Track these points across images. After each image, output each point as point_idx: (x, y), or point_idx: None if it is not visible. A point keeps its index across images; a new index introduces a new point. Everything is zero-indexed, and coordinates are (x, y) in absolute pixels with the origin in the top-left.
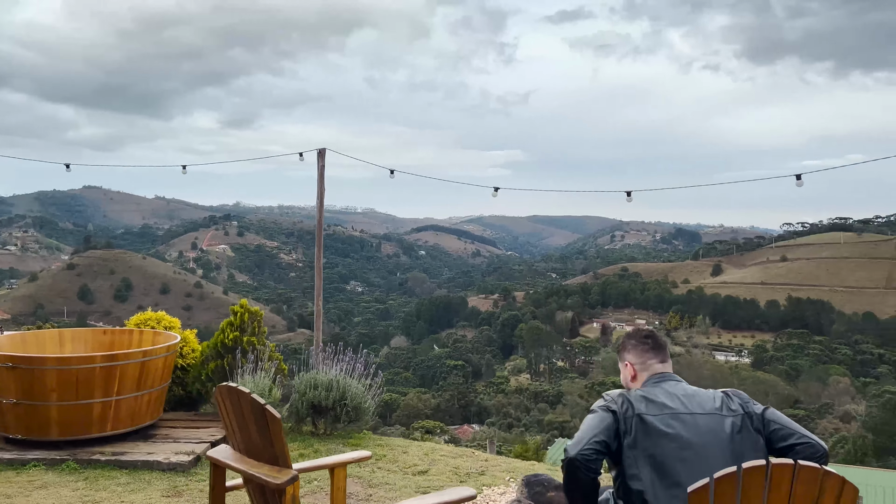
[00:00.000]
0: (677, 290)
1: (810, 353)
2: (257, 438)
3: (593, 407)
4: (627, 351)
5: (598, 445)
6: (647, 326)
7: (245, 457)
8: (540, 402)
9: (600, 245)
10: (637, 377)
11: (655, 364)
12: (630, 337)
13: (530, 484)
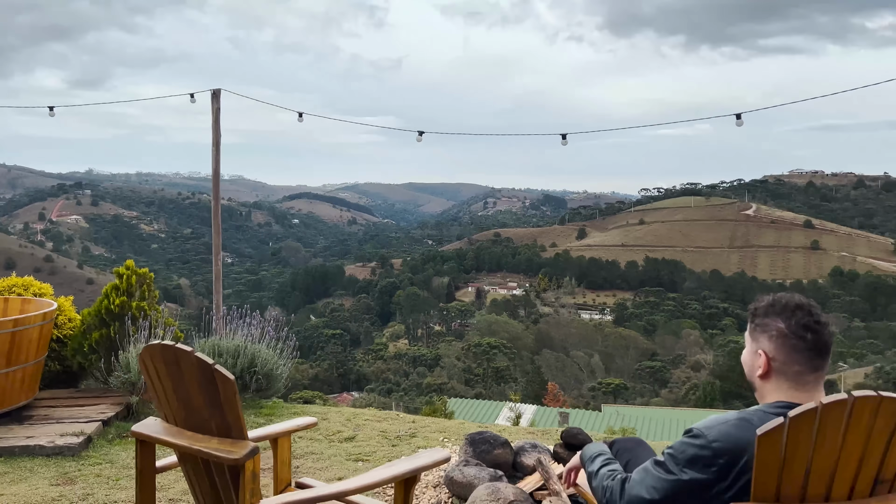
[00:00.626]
0: (546, 253)
1: (665, 309)
2: (202, 406)
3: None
4: (769, 338)
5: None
6: (763, 300)
7: (184, 430)
8: (419, 366)
9: (474, 212)
10: (771, 378)
11: (807, 375)
12: (779, 315)
13: (475, 442)
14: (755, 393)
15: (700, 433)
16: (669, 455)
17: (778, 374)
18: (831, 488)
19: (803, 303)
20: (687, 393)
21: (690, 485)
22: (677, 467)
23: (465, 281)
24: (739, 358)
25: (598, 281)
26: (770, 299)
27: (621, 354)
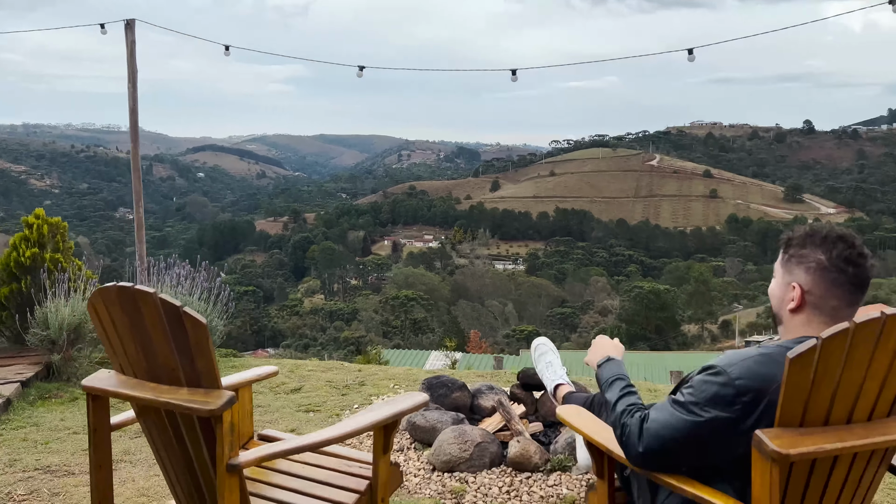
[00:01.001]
0: (461, 205)
1: (574, 257)
2: (168, 354)
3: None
4: (806, 270)
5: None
6: (800, 230)
7: (145, 381)
8: (336, 320)
9: (388, 164)
10: (803, 312)
11: (843, 310)
12: (819, 245)
13: (433, 386)
14: (780, 327)
15: (722, 370)
16: (689, 394)
17: (812, 309)
18: (853, 411)
19: (845, 234)
20: (595, 336)
21: (713, 424)
22: (698, 406)
23: (381, 234)
24: (643, 303)
25: (512, 232)
26: (808, 229)
27: (534, 302)
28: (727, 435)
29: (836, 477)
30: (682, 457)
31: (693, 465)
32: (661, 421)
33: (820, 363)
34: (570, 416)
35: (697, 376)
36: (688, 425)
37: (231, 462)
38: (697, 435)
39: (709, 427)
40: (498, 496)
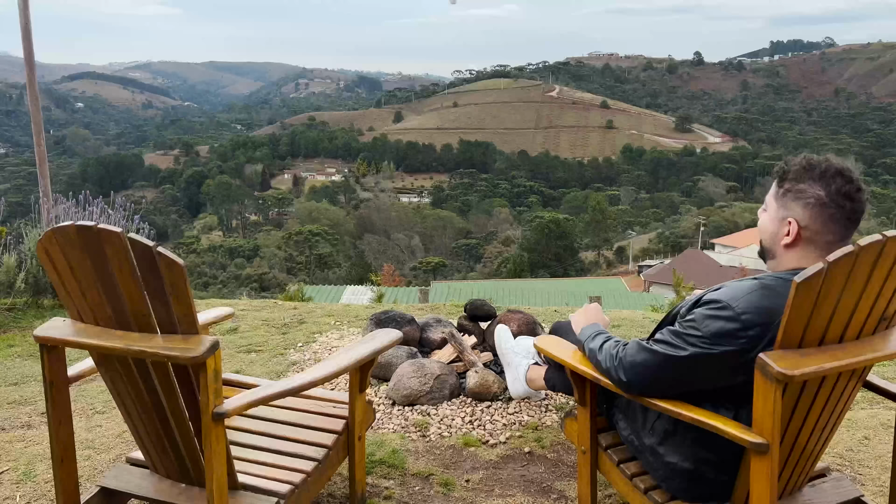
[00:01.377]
0: (363, 137)
1: (478, 189)
2: (138, 299)
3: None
4: (803, 205)
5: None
6: (795, 162)
7: (111, 329)
8: (236, 257)
9: (285, 94)
10: (798, 247)
11: (836, 245)
12: (818, 180)
13: (382, 322)
14: (770, 260)
15: (727, 304)
16: (691, 327)
17: (807, 244)
18: (846, 331)
19: (842, 167)
20: (499, 266)
21: (719, 358)
22: (702, 340)
23: (281, 168)
24: (544, 232)
25: (416, 164)
26: (804, 162)
27: (439, 234)
28: (730, 366)
29: (822, 394)
30: (680, 385)
31: (687, 392)
32: (660, 352)
33: (823, 286)
34: (551, 346)
35: (699, 310)
36: (691, 358)
37: (217, 410)
38: (701, 367)
39: (715, 360)
40: (461, 426)
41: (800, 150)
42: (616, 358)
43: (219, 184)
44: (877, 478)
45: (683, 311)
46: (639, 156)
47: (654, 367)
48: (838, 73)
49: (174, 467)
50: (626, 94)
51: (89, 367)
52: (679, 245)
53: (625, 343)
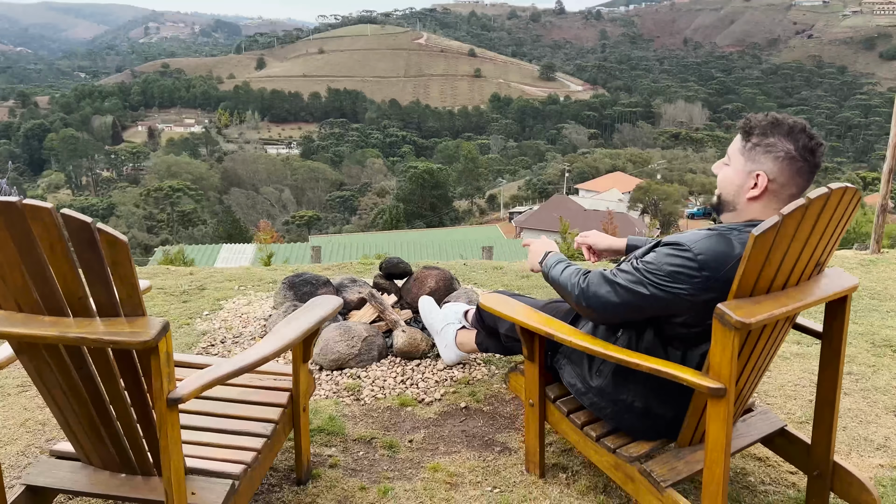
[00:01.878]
0: (224, 85)
1: (350, 139)
2: (71, 280)
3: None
4: (773, 159)
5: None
6: (760, 118)
7: (39, 315)
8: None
9: (134, 39)
10: (763, 199)
11: (796, 197)
12: (786, 136)
13: (296, 285)
14: (727, 212)
15: (686, 247)
16: (650, 264)
17: (771, 196)
18: (790, 277)
19: (804, 124)
20: (375, 218)
21: (675, 296)
22: (659, 278)
23: (134, 119)
24: (419, 182)
25: (283, 114)
26: (771, 118)
27: (311, 187)
28: (681, 304)
29: (763, 338)
30: (635, 315)
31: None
32: (620, 286)
33: (777, 238)
34: (496, 304)
35: (660, 249)
36: (649, 296)
37: (172, 396)
38: (657, 303)
39: (671, 298)
40: (395, 387)
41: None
42: (577, 287)
43: (64, 138)
44: (783, 405)
45: (639, 254)
46: (506, 105)
47: (613, 299)
48: (687, 23)
49: (112, 458)
50: (492, 42)
51: (5, 357)
52: (546, 191)
53: (586, 272)
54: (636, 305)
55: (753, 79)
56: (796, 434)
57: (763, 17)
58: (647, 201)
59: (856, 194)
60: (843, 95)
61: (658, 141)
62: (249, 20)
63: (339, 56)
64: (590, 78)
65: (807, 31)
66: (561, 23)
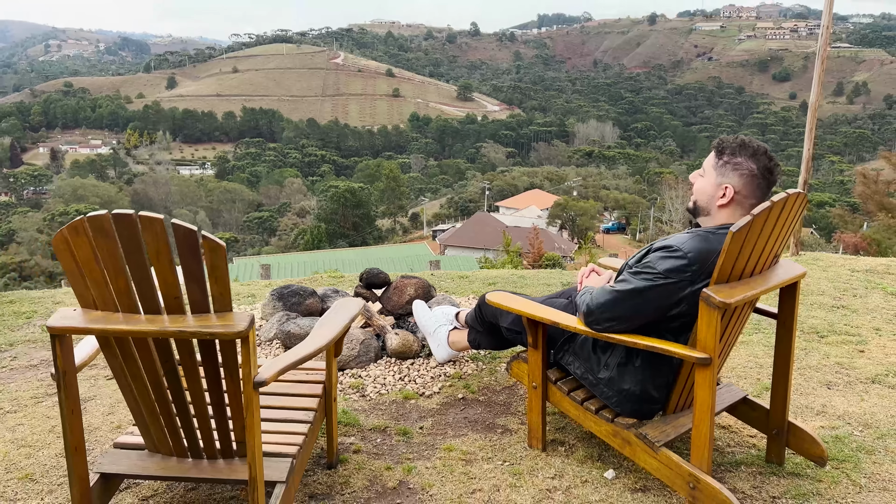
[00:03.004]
0: (132, 105)
1: (267, 159)
2: (171, 282)
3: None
4: (739, 175)
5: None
6: (731, 140)
7: (135, 315)
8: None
9: (33, 56)
10: (729, 207)
11: (755, 206)
12: (751, 157)
13: (284, 296)
14: (702, 216)
15: (678, 248)
16: (647, 266)
17: (736, 205)
18: (756, 267)
19: (766, 147)
20: (296, 238)
21: (671, 287)
22: (656, 275)
23: (35, 141)
24: (340, 201)
25: (196, 134)
26: (739, 140)
27: (228, 208)
28: (677, 296)
29: (734, 318)
30: (636, 316)
31: (644, 321)
32: (622, 289)
33: (749, 234)
34: (503, 299)
35: (654, 254)
36: (647, 289)
37: (256, 379)
38: (655, 296)
39: (667, 289)
40: (394, 383)
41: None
42: (584, 304)
43: None
44: (736, 383)
45: (633, 262)
46: (426, 124)
47: (616, 300)
48: (596, 45)
49: (181, 445)
50: (409, 62)
51: (90, 353)
52: (468, 209)
53: (592, 290)
54: (638, 301)
55: (660, 98)
56: (756, 401)
57: (666, 40)
58: (564, 217)
59: (804, 199)
60: (742, 114)
61: (573, 159)
62: (159, 38)
63: (255, 75)
64: (506, 98)
65: (707, 54)
66: (476, 44)
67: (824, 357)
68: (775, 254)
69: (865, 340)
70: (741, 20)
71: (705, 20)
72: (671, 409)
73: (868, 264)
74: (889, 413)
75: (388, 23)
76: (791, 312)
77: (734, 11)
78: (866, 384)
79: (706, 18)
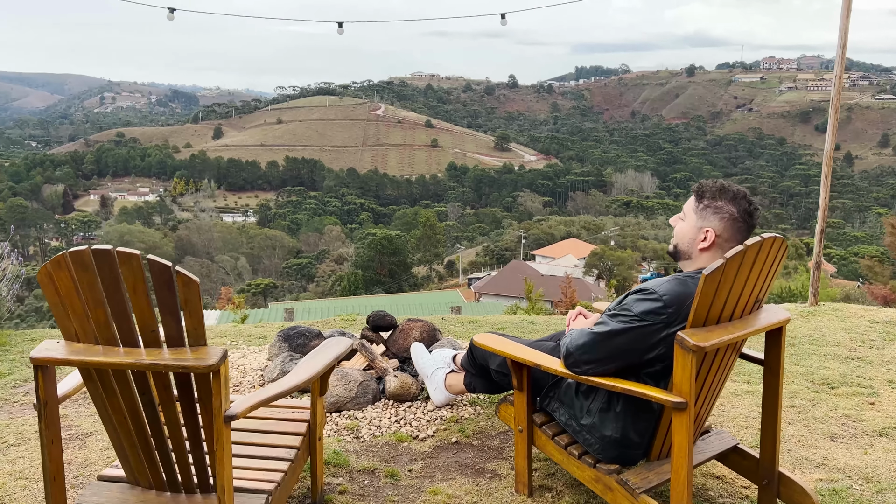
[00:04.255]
0: (180, 154)
1: (307, 207)
2: (148, 316)
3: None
4: (720, 219)
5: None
6: (710, 184)
7: (114, 347)
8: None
9: (89, 108)
10: (710, 251)
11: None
12: (731, 201)
13: (290, 337)
14: (684, 260)
15: (653, 290)
16: (625, 309)
17: (717, 248)
18: (733, 312)
19: (745, 192)
20: (333, 285)
21: (647, 330)
22: (632, 318)
23: (86, 188)
24: (377, 249)
25: (239, 182)
26: (719, 185)
27: (268, 255)
28: (653, 339)
29: (715, 363)
30: (613, 358)
31: (622, 364)
32: (598, 331)
33: (723, 277)
34: (489, 341)
35: (631, 297)
36: (623, 331)
37: (227, 413)
38: (631, 338)
39: (643, 332)
40: (390, 426)
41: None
42: (563, 346)
43: (11, 206)
44: (735, 433)
45: (613, 306)
46: (463, 173)
47: (593, 342)
48: (634, 96)
49: (160, 477)
50: (448, 113)
51: (74, 385)
52: (504, 257)
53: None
54: (615, 343)
55: (699, 149)
56: (747, 450)
57: (705, 91)
58: (601, 267)
59: (783, 243)
60: (784, 165)
61: (610, 208)
62: (207, 90)
63: (298, 126)
64: (543, 148)
65: (747, 105)
66: (514, 96)
67: (832, 409)
68: (756, 298)
69: (877, 392)
70: (781, 72)
71: (744, 72)
72: (654, 456)
73: (889, 315)
74: (892, 467)
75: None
76: (777, 358)
77: (774, 63)
78: (872, 437)
79: (745, 70)
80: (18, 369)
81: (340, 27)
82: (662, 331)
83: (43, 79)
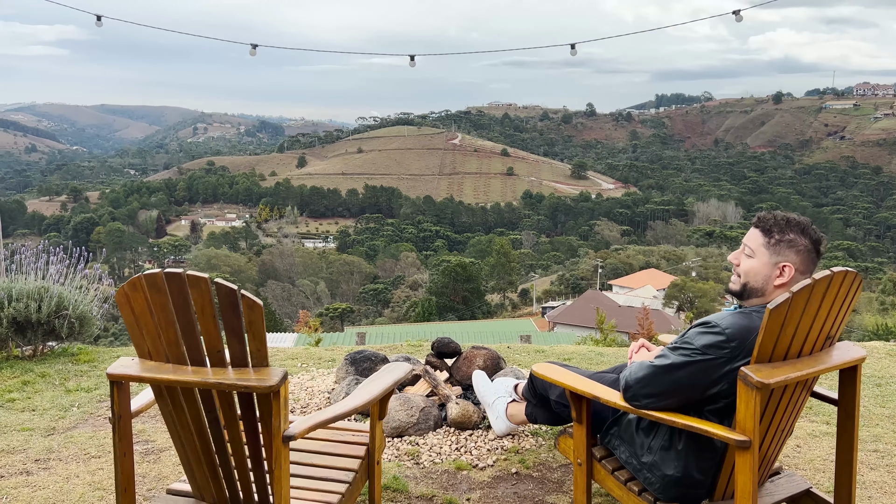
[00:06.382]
0: (265, 182)
1: (384, 234)
2: (214, 337)
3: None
4: (796, 252)
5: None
6: (774, 217)
7: (183, 366)
8: None
9: (182, 138)
10: (788, 286)
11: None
12: (802, 233)
13: (357, 361)
14: (753, 298)
15: (716, 324)
16: (686, 344)
17: (793, 283)
18: (802, 348)
19: (809, 220)
20: (407, 310)
21: (709, 364)
22: (694, 351)
23: (178, 214)
24: (451, 275)
25: (321, 209)
26: (783, 218)
27: (346, 280)
28: (716, 374)
29: (783, 401)
30: (673, 392)
31: (684, 400)
32: (658, 364)
33: (789, 312)
34: (549, 371)
35: (693, 330)
36: (685, 364)
37: (287, 433)
38: (692, 372)
39: (705, 366)
40: (450, 453)
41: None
42: (623, 379)
43: (110, 231)
44: (811, 477)
45: (677, 339)
46: (538, 201)
47: (653, 375)
48: (717, 124)
49: (223, 493)
50: (524, 142)
51: (147, 401)
52: (579, 287)
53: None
54: (675, 377)
55: (787, 178)
56: (821, 495)
57: (794, 119)
58: (682, 298)
59: (856, 277)
60: (880, 195)
61: (692, 238)
62: (292, 121)
63: (377, 155)
64: (621, 176)
65: (838, 133)
66: (592, 124)
67: None
68: (827, 334)
69: None
70: (877, 98)
71: (836, 99)
72: (718, 496)
73: None
74: None
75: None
76: (852, 398)
77: (869, 89)
78: None
79: (837, 97)
80: (104, 385)
81: (412, 60)
82: (725, 365)
83: (143, 111)
